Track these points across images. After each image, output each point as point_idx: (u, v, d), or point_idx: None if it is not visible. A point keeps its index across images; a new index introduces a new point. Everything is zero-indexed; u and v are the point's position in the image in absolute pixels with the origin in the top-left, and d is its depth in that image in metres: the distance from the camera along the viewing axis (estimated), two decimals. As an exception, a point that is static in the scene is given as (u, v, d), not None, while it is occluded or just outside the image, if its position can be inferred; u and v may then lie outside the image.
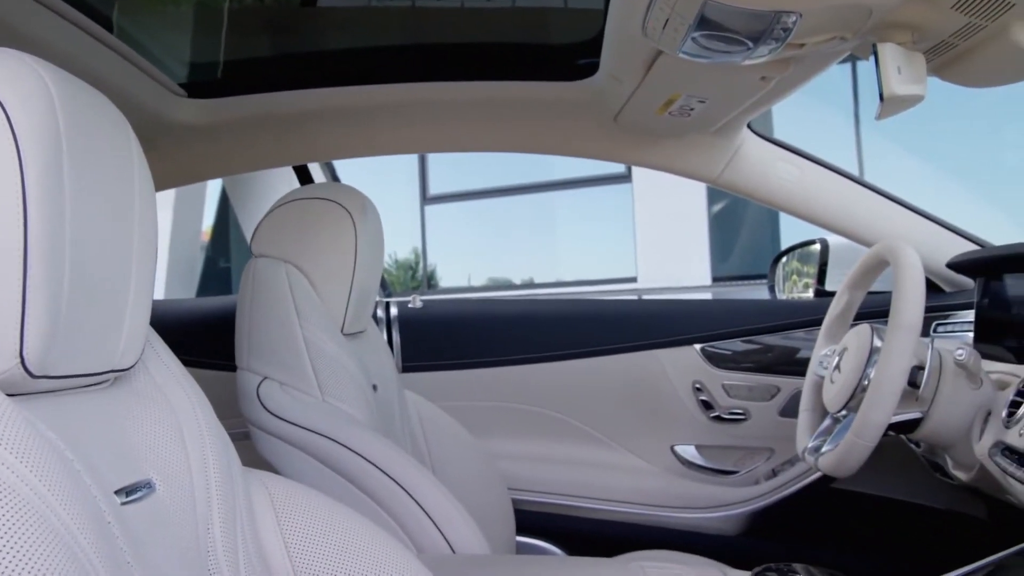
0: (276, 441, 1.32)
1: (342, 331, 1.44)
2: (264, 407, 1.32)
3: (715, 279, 6.64)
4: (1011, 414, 1.21)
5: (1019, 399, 1.21)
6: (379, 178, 7.89)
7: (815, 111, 6.48)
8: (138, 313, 0.74)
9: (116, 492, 0.67)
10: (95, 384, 0.72)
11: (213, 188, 4.86)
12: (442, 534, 1.22)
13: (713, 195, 6.50)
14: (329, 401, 1.33)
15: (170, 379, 0.81)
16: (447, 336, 1.93)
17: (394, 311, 1.93)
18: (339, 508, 0.88)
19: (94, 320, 0.67)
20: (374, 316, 1.90)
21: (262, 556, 0.82)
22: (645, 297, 3.73)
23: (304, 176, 2.07)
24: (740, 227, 6.83)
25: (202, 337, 1.81)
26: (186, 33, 1.55)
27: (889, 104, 1.00)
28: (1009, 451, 1.18)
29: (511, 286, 8.18)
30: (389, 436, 1.50)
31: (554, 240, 8.23)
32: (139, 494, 0.69)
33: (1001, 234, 1.56)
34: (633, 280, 6.86)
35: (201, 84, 1.57)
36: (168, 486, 0.74)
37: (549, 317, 1.93)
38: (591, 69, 1.45)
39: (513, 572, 1.09)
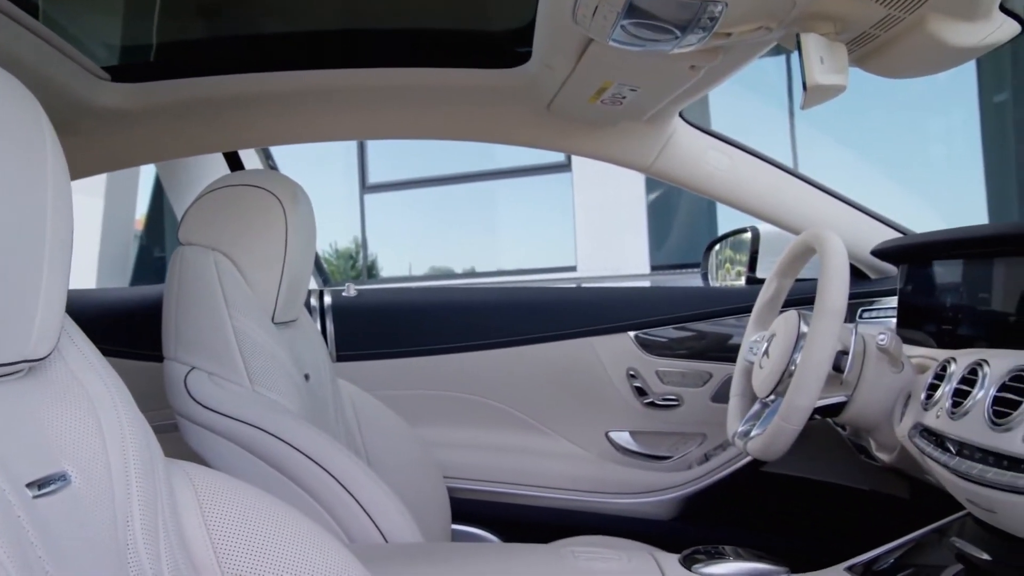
0: (205, 432, 1.30)
1: (272, 320, 1.42)
2: (192, 397, 1.30)
3: (654, 267, 6.71)
4: (929, 396, 1.24)
5: (937, 382, 1.24)
6: (318, 167, 7.80)
7: (751, 104, 6.59)
8: (52, 302, 0.71)
9: (28, 485, 0.65)
10: (7, 375, 0.70)
11: (147, 175, 4.76)
12: (374, 523, 1.22)
13: (652, 184, 6.57)
14: (259, 391, 1.31)
15: (88, 369, 0.79)
16: (382, 325, 1.92)
17: (328, 300, 1.91)
18: (265, 498, 0.87)
19: (3, 310, 0.65)
20: (308, 305, 1.88)
21: (185, 548, 0.80)
22: (579, 285, 3.76)
23: (234, 163, 2.03)
24: (678, 216, 6.91)
25: (129, 327, 1.77)
26: (113, 16, 1.51)
27: (813, 93, 1.02)
28: (927, 432, 1.21)
29: (452, 275, 8.16)
30: (322, 425, 1.48)
31: (495, 229, 8.24)
32: (53, 487, 0.67)
33: (923, 222, 1.60)
34: (572, 269, 6.90)
35: (127, 68, 1.53)
36: (85, 478, 0.72)
37: (484, 305, 1.94)
38: (524, 57, 1.45)
39: (443, 560, 1.09)
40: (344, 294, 1.93)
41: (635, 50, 1.14)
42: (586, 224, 6.80)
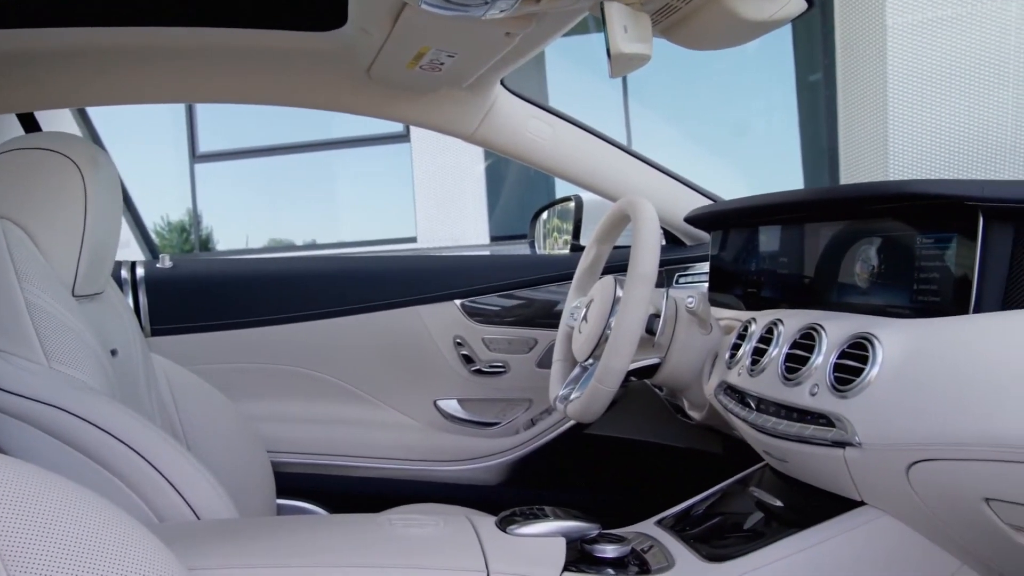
0: None
1: (73, 293, 1.34)
2: None
3: (493, 238, 6.77)
4: (732, 356, 1.31)
5: (739, 342, 1.31)
6: (145, 135, 7.41)
7: (588, 83, 6.73)
8: None
9: None
10: None
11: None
12: (185, 500, 1.17)
13: (491, 154, 6.61)
14: (57, 368, 1.23)
15: None
16: (200, 297, 1.84)
17: (141, 271, 1.82)
18: (51, 479, 0.81)
19: None
20: (117, 277, 1.78)
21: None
22: (404, 253, 3.74)
23: (29, 124, 1.89)
24: (517, 186, 6.99)
25: None
26: None
27: (617, 62, 1.04)
28: (730, 389, 1.28)
29: (293, 247, 7.98)
30: (133, 403, 1.41)
31: (336, 200, 8.10)
32: None
33: (747, 192, 1.67)
34: (413, 240, 6.88)
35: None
36: None
37: (307, 275, 1.89)
38: (339, 20, 1.41)
39: (251, 534, 1.06)
40: (158, 265, 1.84)
41: (447, 15, 1.13)
42: (426, 195, 6.78)
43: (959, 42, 4.90)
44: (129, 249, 2.45)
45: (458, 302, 1.89)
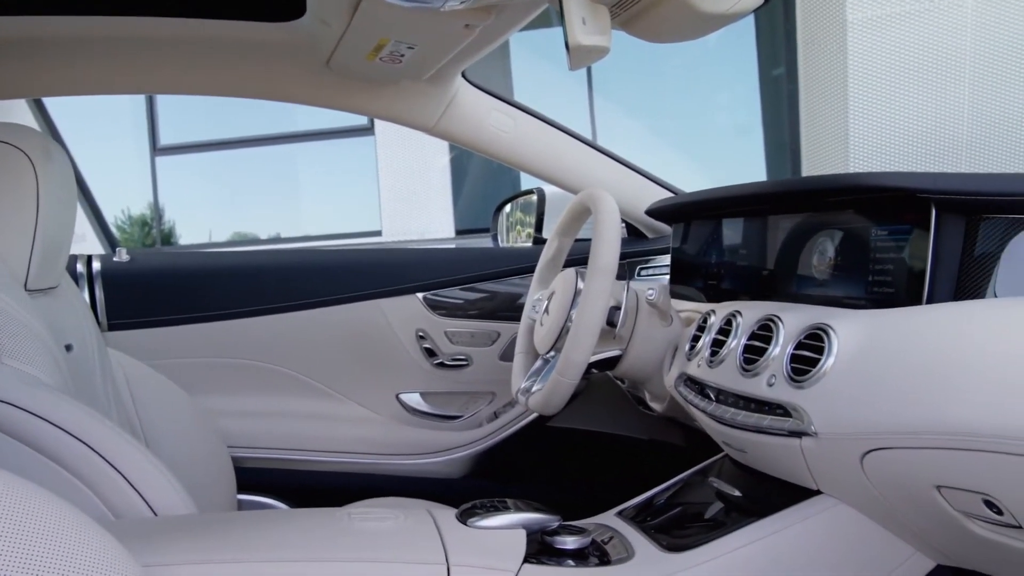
0: None
1: (25, 287, 1.31)
2: None
3: (459, 231, 6.76)
4: (692, 347, 1.32)
5: (699, 333, 1.32)
6: (105, 128, 7.30)
7: (553, 77, 6.74)
8: None
9: None
10: None
11: None
12: (141, 496, 1.15)
13: (456, 147, 6.59)
14: (7, 363, 1.20)
15: None
16: (158, 291, 1.81)
17: (97, 265, 1.79)
18: (2, 476, 0.80)
19: None
20: (73, 271, 1.75)
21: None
22: (367, 246, 3.72)
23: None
24: (483, 179, 6.98)
25: None
26: None
27: (576, 54, 1.04)
28: (690, 381, 1.29)
29: (257, 241, 7.90)
30: (88, 399, 1.39)
31: (300, 194, 8.04)
32: None
33: (711, 185, 1.67)
34: (378, 234, 6.84)
35: None
36: None
37: (267, 269, 1.87)
38: (298, 11, 1.40)
39: (209, 529, 1.05)
40: (115, 259, 1.81)
41: (406, 6, 1.12)
42: (391, 188, 6.74)
43: (917, 37, 4.97)
44: (86, 243, 2.41)
45: (420, 295, 1.88)
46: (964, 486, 0.83)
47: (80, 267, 1.78)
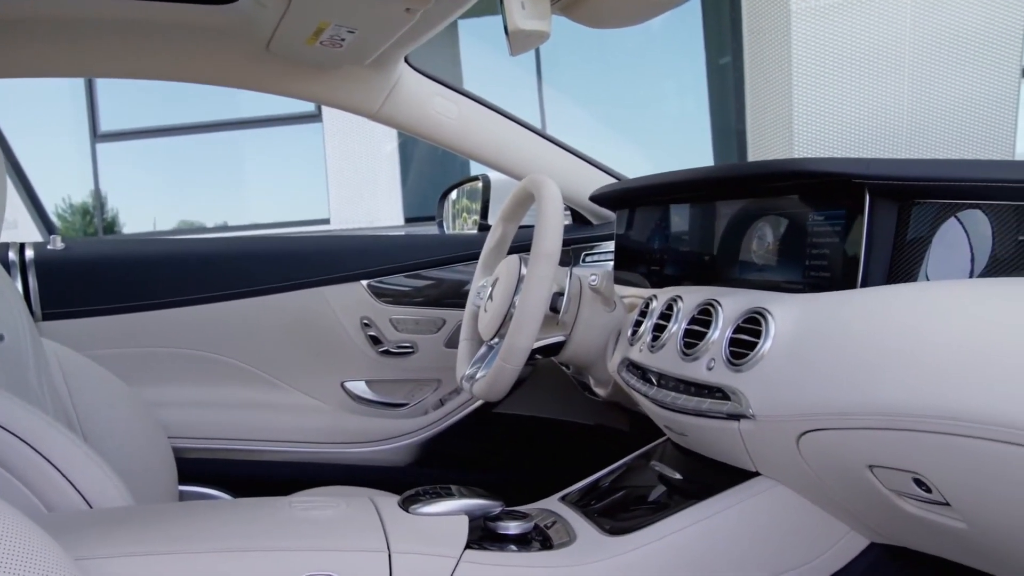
0: None
1: None
2: None
3: (408, 219, 6.73)
4: (634, 332, 1.32)
5: (641, 319, 1.33)
6: (43, 113, 7.11)
7: (503, 64, 6.73)
8: None
9: None
10: None
11: None
12: (76, 488, 1.13)
13: (405, 135, 6.56)
14: (-66, 355, 1.17)
15: None
16: (94, 279, 1.77)
17: (30, 253, 1.74)
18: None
19: None
20: (4, 259, 1.70)
21: None
22: (309, 234, 3.68)
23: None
24: (431, 166, 6.95)
25: None
26: None
27: (515, 39, 1.04)
28: (633, 366, 1.29)
29: (204, 229, 7.78)
30: (21, 390, 1.35)
31: (247, 181, 7.93)
32: None
33: (647, 170, 1.68)
34: (326, 222, 6.78)
35: None
36: None
37: (209, 257, 1.84)
38: (236, -8, 1.37)
39: (146, 520, 1.03)
40: (49, 247, 1.76)
41: (344, -12, 1.11)
42: (338, 175, 6.68)
43: (859, 26, 5.05)
44: (18, 230, 2.35)
45: (365, 283, 1.86)
46: (895, 465, 0.85)
47: (12, 255, 1.73)
